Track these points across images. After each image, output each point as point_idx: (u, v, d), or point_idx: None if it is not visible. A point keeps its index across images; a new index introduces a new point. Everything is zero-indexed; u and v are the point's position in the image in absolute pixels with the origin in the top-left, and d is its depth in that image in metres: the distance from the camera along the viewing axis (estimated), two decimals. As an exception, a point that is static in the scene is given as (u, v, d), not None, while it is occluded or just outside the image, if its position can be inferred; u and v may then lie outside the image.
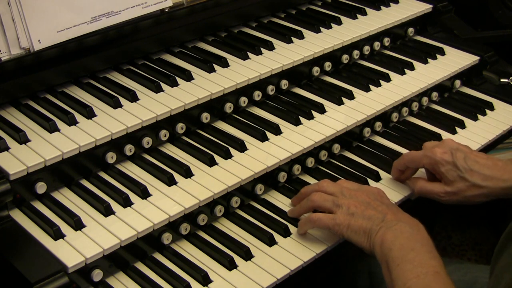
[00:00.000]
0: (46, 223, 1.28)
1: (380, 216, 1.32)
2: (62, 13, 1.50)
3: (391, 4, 2.06)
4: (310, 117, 1.66)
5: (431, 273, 1.19)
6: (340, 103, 1.72)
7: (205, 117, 1.59)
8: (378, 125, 1.77)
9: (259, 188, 1.52)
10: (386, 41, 1.99)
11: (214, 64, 1.67)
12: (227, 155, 1.51)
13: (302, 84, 1.80)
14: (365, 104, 1.74)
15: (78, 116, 1.46)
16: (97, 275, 1.26)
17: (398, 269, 1.21)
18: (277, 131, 1.60)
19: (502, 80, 2.02)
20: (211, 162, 1.48)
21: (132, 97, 1.52)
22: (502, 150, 2.35)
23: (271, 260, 1.37)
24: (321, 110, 1.69)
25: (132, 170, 1.46)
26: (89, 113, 1.46)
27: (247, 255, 1.38)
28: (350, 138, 1.71)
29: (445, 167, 1.47)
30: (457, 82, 1.98)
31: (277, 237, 1.43)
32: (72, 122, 1.43)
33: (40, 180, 1.34)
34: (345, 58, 1.88)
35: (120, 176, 1.43)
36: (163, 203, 1.37)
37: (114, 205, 1.35)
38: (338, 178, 1.58)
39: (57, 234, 1.26)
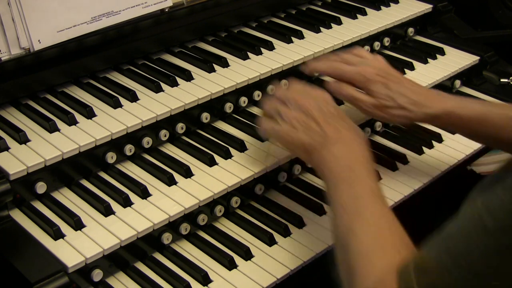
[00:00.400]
0: (46, 223, 1.28)
1: (319, 132, 1.32)
2: (62, 13, 1.50)
3: (391, 4, 2.06)
4: (310, 117, 1.66)
5: (367, 192, 1.21)
6: (340, 103, 1.72)
7: (205, 117, 1.59)
8: (378, 125, 1.78)
9: (259, 188, 1.52)
10: (386, 41, 1.99)
11: (214, 64, 1.67)
12: (227, 155, 1.51)
13: (302, 84, 1.80)
14: (365, 104, 1.73)
15: (78, 116, 1.46)
16: (97, 275, 1.26)
17: (336, 189, 1.23)
18: (277, 131, 1.60)
19: (502, 80, 2.02)
20: (211, 162, 1.48)
21: (132, 97, 1.52)
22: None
23: (271, 260, 1.37)
24: (321, 110, 1.69)
25: (132, 170, 1.46)
26: (89, 113, 1.46)
27: (247, 255, 1.38)
28: (350, 138, 1.70)
29: (376, 85, 1.48)
30: (457, 82, 1.98)
31: (277, 237, 1.43)
32: (72, 122, 1.44)
33: (40, 180, 1.34)
34: (345, 58, 1.87)
35: (120, 176, 1.43)
36: (163, 203, 1.37)
37: (114, 205, 1.35)
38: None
39: (57, 234, 1.26)
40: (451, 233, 0.97)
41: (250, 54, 1.73)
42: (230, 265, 1.35)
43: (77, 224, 1.29)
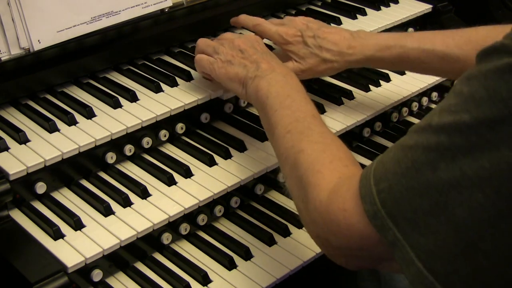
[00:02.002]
0: (46, 223, 1.28)
1: (254, 65, 1.40)
2: (62, 13, 1.50)
3: (391, 4, 2.06)
4: (310, 117, 1.66)
5: (309, 116, 1.25)
6: (339, 103, 1.72)
7: (205, 117, 1.59)
8: (378, 125, 1.78)
9: (259, 188, 1.52)
10: (386, 41, 1.99)
11: (214, 64, 1.67)
12: (227, 155, 1.51)
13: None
14: (365, 104, 1.74)
15: (78, 116, 1.46)
16: (97, 275, 1.26)
17: (277, 114, 1.28)
18: (277, 131, 1.60)
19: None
20: (211, 162, 1.48)
21: (132, 97, 1.52)
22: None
23: (271, 260, 1.37)
24: (321, 110, 1.69)
25: (132, 170, 1.46)
26: (89, 113, 1.46)
27: (246, 255, 1.38)
28: (349, 138, 1.71)
29: (296, 46, 1.56)
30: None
31: (277, 237, 1.43)
32: (72, 122, 1.43)
33: (40, 180, 1.34)
34: (345, 58, 1.87)
35: (120, 176, 1.43)
36: (163, 203, 1.37)
37: (114, 205, 1.35)
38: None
39: (57, 234, 1.26)
40: (411, 129, 0.98)
41: (250, 54, 1.73)
42: (230, 265, 1.35)
43: (77, 224, 1.29)
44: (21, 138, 1.37)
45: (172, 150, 1.53)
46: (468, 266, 0.89)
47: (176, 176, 1.44)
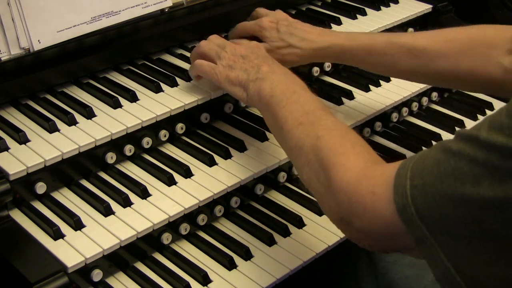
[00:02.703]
0: (46, 223, 1.28)
1: (255, 69, 1.42)
2: (62, 13, 1.50)
3: (391, 4, 2.06)
4: (310, 117, 1.66)
5: (318, 109, 1.26)
6: (339, 103, 1.72)
7: (205, 117, 1.59)
8: (378, 125, 1.78)
9: (259, 188, 1.52)
10: (386, 41, 1.99)
11: (214, 64, 1.67)
12: (227, 155, 1.51)
13: (302, 84, 1.80)
14: (365, 104, 1.74)
15: (78, 116, 1.46)
16: (97, 275, 1.26)
17: (285, 110, 1.28)
18: (277, 131, 1.60)
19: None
20: (211, 162, 1.48)
21: (132, 97, 1.52)
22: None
23: (271, 260, 1.37)
24: (321, 110, 1.69)
25: (132, 170, 1.46)
26: (89, 113, 1.46)
27: (246, 255, 1.38)
28: (350, 138, 1.70)
29: (269, 32, 1.59)
30: (457, 82, 1.98)
31: (277, 237, 1.43)
32: (72, 122, 1.44)
33: (40, 180, 1.34)
34: (345, 58, 1.87)
35: (120, 176, 1.43)
36: (163, 203, 1.37)
37: (114, 205, 1.35)
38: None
39: (57, 234, 1.26)
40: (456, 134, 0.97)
41: (250, 54, 1.73)
42: (230, 265, 1.35)
43: (77, 224, 1.29)
44: (21, 138, 1.37)
45: (172, 150, 1.53)
46: (500, 275, 0.89)
47: (176, 176, 1.44)
